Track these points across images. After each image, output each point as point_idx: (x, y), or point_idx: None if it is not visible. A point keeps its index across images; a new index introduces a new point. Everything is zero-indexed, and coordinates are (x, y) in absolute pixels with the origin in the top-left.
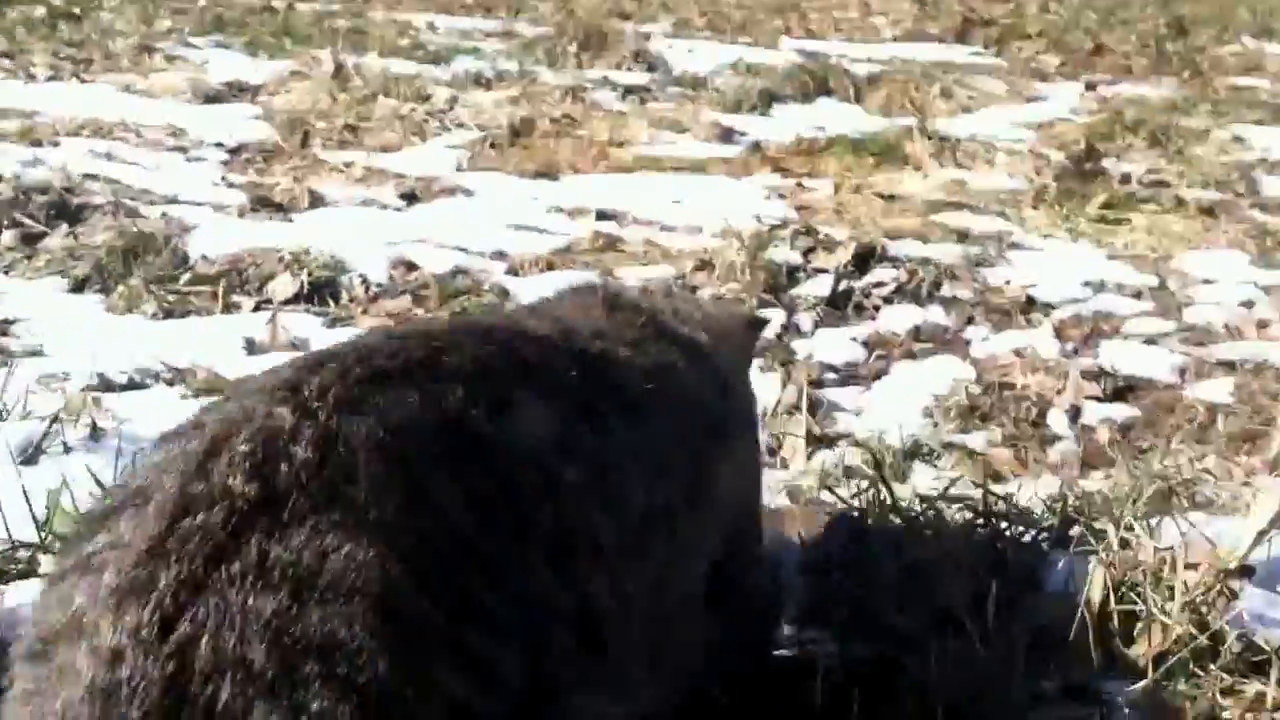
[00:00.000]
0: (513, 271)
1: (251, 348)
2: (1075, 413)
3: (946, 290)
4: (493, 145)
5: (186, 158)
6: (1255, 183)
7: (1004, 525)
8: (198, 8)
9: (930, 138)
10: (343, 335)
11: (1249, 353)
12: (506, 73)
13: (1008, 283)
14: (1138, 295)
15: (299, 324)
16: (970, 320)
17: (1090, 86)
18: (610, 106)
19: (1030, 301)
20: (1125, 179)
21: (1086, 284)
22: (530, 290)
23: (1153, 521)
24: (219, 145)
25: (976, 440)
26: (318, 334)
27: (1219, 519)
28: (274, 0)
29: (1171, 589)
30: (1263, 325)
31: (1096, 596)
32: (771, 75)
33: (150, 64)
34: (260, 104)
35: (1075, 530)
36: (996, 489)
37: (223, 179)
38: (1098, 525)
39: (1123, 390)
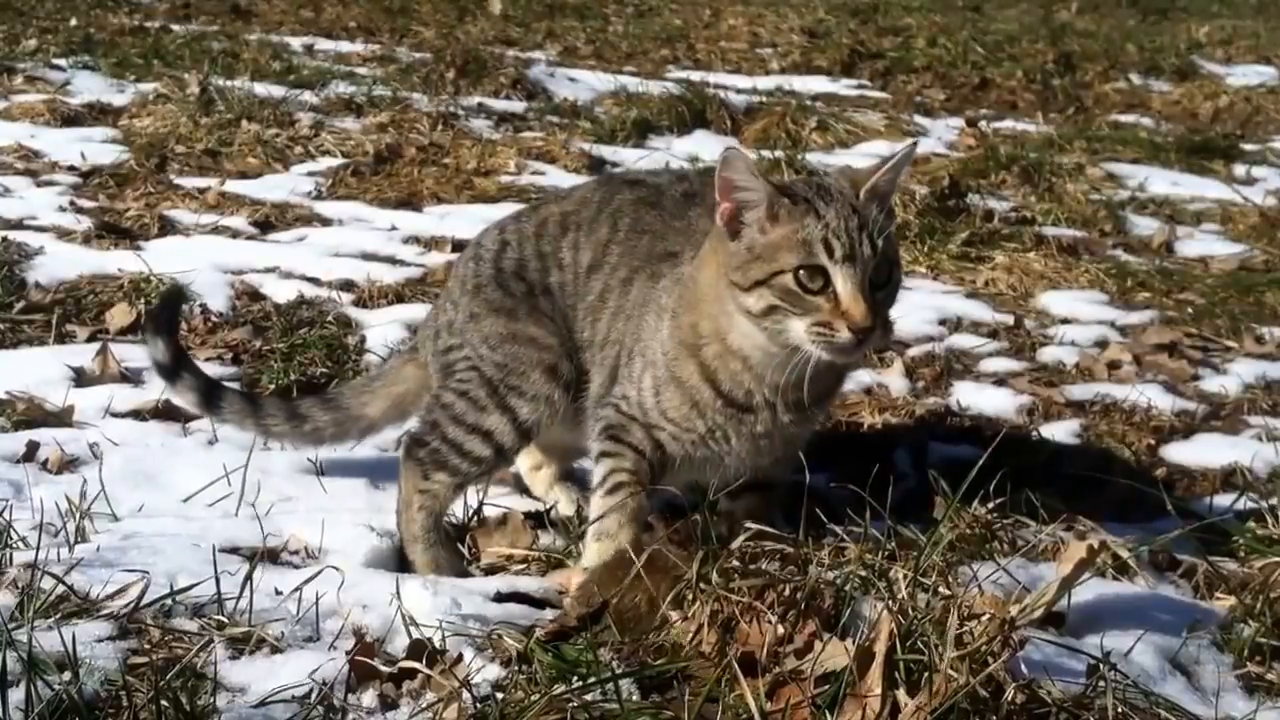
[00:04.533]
0: (360, 303)
1: (80, 378)
2: (920, 453)
3: None
4: (355, 172)
5: (36, 182)
6: (1123, 221)
7: (819, 569)
8: (68, 27)
9: (799, 171)
10: None
11: (1098, 393)
12: (380, 98)
13: None
14: (993, 334)
15: (133, 355)
16: None
17: (970, 122)
18: (482, 134)
19: None
20: (988, 216)
21: (942, 322)
22: (377, 322)
23: (970, 567)
24: (72, 169)
25: (818, 480)
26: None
27: (1038, 565)
28: (147, 21)
29: (959, 638)
30: (1114, 366)
31: (882, 644)
32: (651, 105)
33: (9, 85)
34: (120, 127)
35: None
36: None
37: (71, 204)
38: (891, 573)
39: (970, 430)
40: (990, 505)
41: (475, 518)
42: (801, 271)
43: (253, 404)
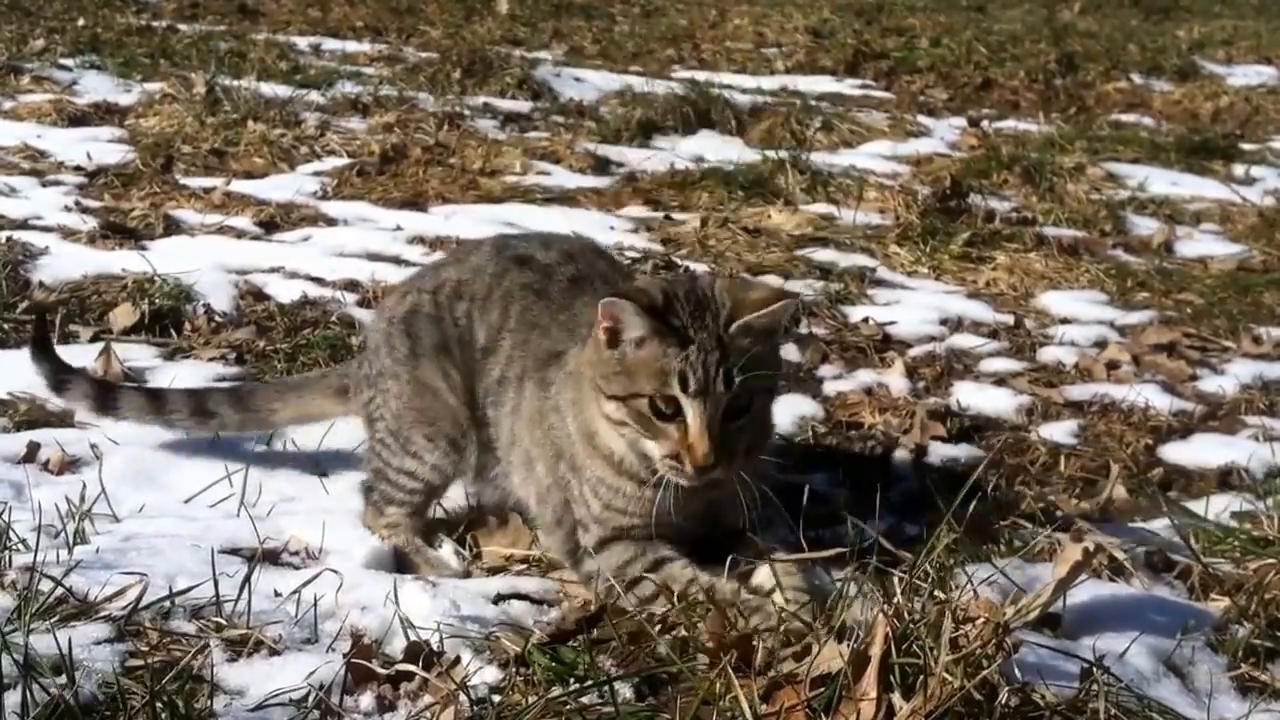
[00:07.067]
0: (365, 303)
1: None
2: (920, 453)
3: (804, 327)
4: (361, 173)
5: (41, 181)
6: (1123, 221)
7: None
8: (75, 27)
9: (804, 172)
10: (180, 368)
11: (1097, 393)
12: (386, 98)
13: (866, 320)
14: (993, 334)
15: (136, 355)
16: (825, 358)
17: (973, 121)
18: (488, 134)
19: (886, 339)
20: (990, 216)
21: (943, 322)
22: None
23: (965, 570)
24: (77, 169)
25: (819, 480)
26: (155, 366)
27: (1035, 566)
28: (154, 20)
29: (953, 641)
30: (1113, 366)
31: (878, 648)
32: (656, 105)
33: (16, 85)
34: (126, 127)
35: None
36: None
37: (76, 204)
38: (888, 575)
39: (969, 430)
40: (988, 506)
41: (474, 517)
42: (657, 399)
43: (155, 400)
